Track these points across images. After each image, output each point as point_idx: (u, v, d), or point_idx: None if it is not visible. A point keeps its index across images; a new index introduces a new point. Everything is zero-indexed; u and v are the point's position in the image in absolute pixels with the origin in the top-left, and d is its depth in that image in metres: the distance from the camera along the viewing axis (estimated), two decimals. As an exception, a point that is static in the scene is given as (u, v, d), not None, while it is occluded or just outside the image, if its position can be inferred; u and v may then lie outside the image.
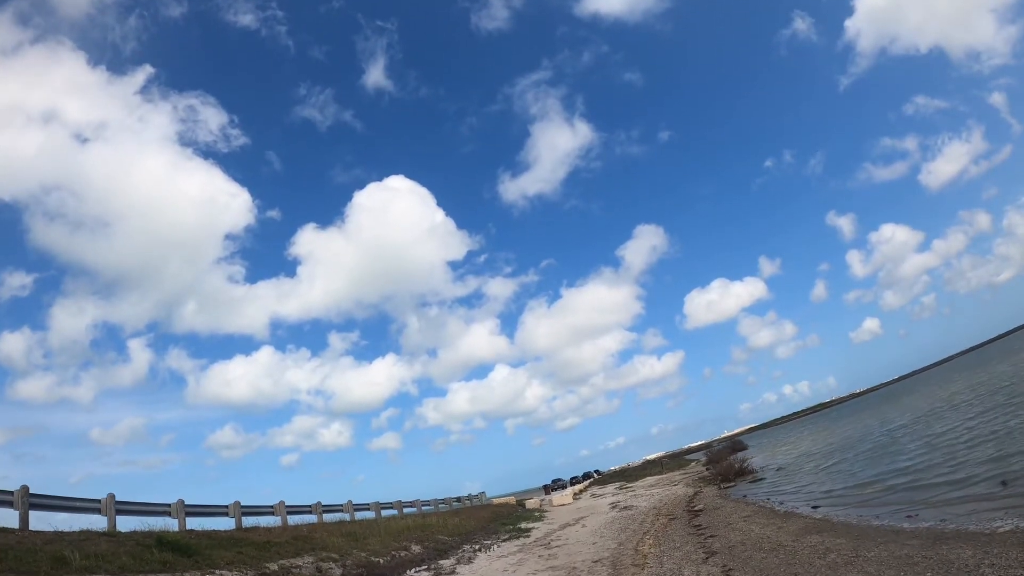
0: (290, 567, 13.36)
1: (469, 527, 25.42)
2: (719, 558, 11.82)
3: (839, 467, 24.96)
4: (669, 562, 12.42)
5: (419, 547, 19.05)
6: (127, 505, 15.48)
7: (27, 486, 12.96)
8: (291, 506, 21.46)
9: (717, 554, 12.22)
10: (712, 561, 11.67)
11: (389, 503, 30.73)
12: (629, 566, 12.68)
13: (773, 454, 44.57)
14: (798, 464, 32.66)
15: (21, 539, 11.24)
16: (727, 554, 12.08)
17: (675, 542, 14.97)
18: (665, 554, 13.44)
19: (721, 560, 11.63)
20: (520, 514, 34.20)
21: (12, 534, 12.01)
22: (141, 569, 10.94)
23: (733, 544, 13.03)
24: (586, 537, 19.18)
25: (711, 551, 12.67)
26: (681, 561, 12.27)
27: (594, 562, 13.89)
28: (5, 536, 11.26)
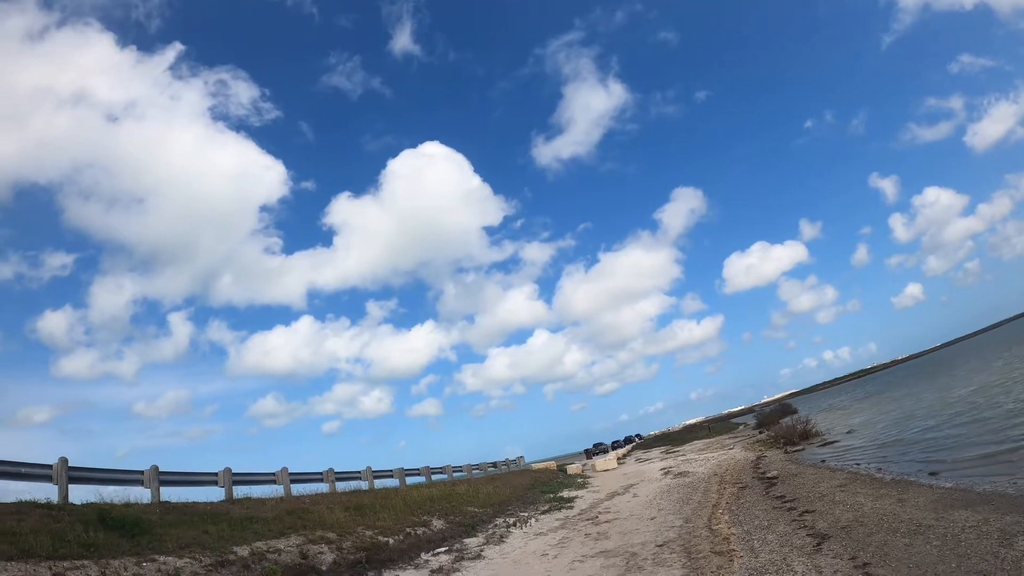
0: (265, 552, 10.82)
1: (504, 496, 22.86)
2: (837, 544, 9.07)
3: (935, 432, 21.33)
4: (764, 549, 9.72)
5: (442, 522, 16.47)
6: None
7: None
8: (296, 474, 19.01)
9: (831, 538, 9.46)
10: (829, 549, 8.90)
11: (416, 469, 28.35)
12: (709, 554, 9.92)
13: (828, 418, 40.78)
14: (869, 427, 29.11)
15: None
16: (845, 538, 9.31)
17: (759, 519, 12.31)
18: (753, 536, 10.74)
19: (842, 547, 8.87)
20: (561, 480, 31.76)
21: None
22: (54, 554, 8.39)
23: (846, 523, 10.23)
24: (640, 510, 16.36)
25: (819, 533, 9.92)
26: (780, 547, 9.59)
27: (658, 546, 11.18)
28: None
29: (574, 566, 10.82)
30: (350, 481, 22.67)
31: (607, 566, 10.41)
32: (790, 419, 37.63)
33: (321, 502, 16.63)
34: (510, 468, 40.61)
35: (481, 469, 36.03)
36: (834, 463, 19.45)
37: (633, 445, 75.86)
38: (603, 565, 10.53)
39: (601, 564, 10.62)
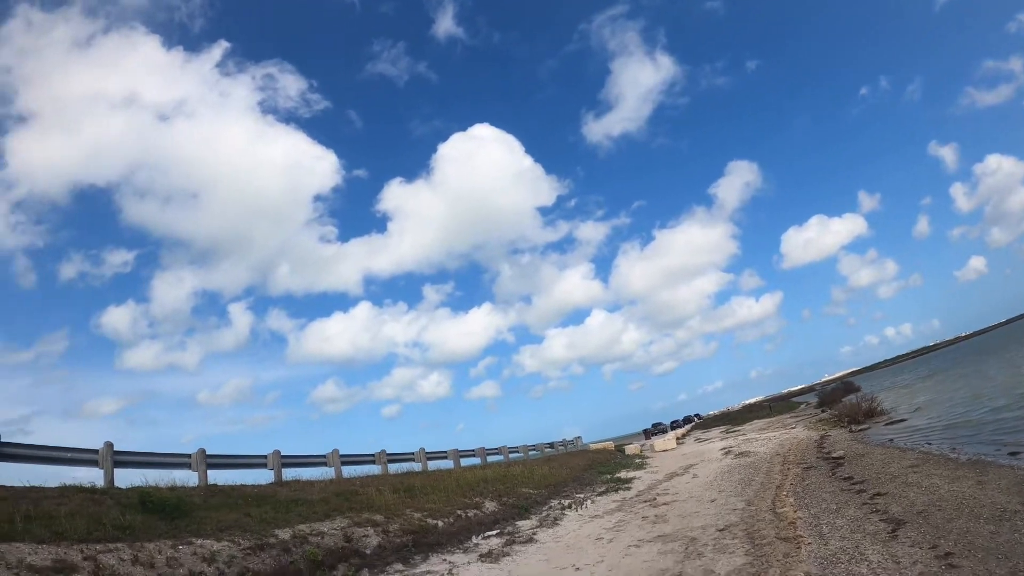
0: (307, 535, 10.43)
1: (560, 477, 22.24)
2: (914, 531, 8.19)
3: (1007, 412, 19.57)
4: (834, 535, 8.84)
5: (495, 503, 15.94)
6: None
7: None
8: (346, 455, 18.78)
9: (906, 524, 8.55)
10: (905, 536, 8.01)
11: (471, 450, 27.99)
12: (774, 540, 9.05)
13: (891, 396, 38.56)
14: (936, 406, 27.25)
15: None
16: (923, 524, 8.40)
17: (826, 501, 11.40)
18: (821, 521, 9.86)
19: (919, 534, 7.99)
20: (619, 461, 30.95)
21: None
22: (88, 537, 8.15)
23: (922, 508, 9.32)
24: (700, 491, 15.48)
25: (893, 518, 9.00)
26: (851, 533, 8.69)
27: (719, 531, 10.34)
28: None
29: (630, 551, 10.08)
30: (403, 463, 22.44)
31: (664, 552, 9.64)
32: (853, 397, 35.93)
33: (371, 484, 16.30)
34: (567, 449, 39.98)
35: (538, 450, 35.49)
36: (902, 443, 18.37)
37: (692, 425, 74.88)
38: (660, 551, 9.76)
39: (658, 550, 9.86)
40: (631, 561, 9.42)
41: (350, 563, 10.08)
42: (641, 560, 9.38)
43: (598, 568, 9.30)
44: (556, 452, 37.22)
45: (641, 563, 9.22)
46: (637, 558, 9.56)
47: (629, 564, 9.27)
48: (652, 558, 9.39)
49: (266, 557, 9.36)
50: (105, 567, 7.76)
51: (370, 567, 10.19)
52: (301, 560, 9.61)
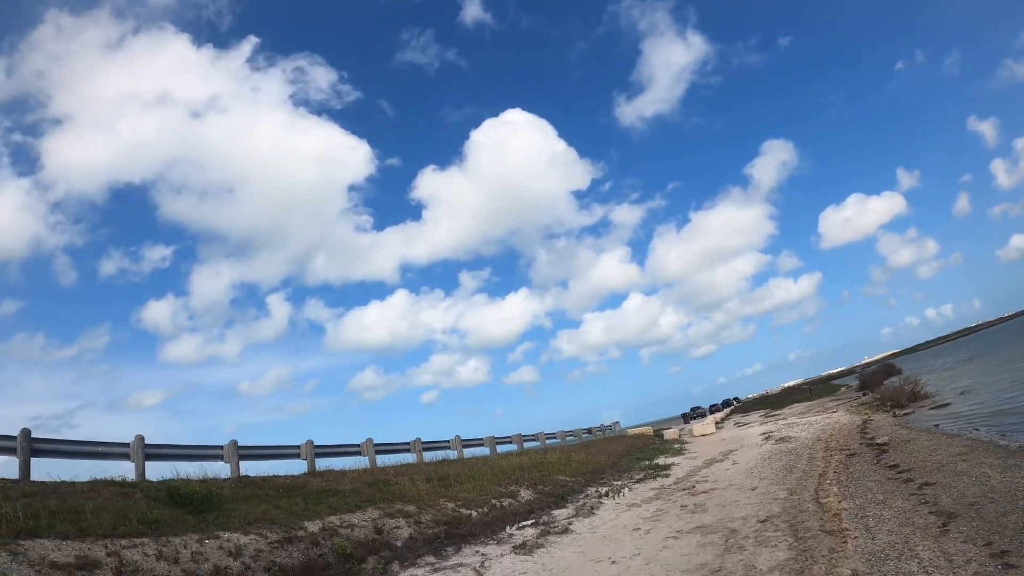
0: (337, 527, 10.19)
1: (597, 463, 21.79)
2: (966, 525, 7.57)
3: None
4: (881, 528, 8.27)
5: (530, 492, 15.57)
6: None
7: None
8: (380, 444, 18.60)
9: (958, 517, 7.93)
10: (958, 531, 7.40)
11: (507, 437, 27.65)
12: (818, 533, 8.55)
13: (933, 379, 36.99)
14: (982, 390, 25.97)
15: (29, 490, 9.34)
16: (975, 518, 7.76)
17: (872, 491, 10.75)
18: (867, 512, 9.27)
19: (972, 529, 7.39)
20: (657, 446, 30.36)
21: None
22: (112, 532, 8.01)
23: (973, 499, 8.66)
24: (740, 479, 14.89)
25: (943, 511, 8.37)
26: (900, 527, 8.12)
27: (760, 522, 9.82)
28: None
29: (667, 543, 9.59)
30: (438, 451, 22.21)
31: (703, 544, 9.13)
32: (895, 380, 34.65)
33: (405, 473, 16.09)
34: (605, 434, 39.47)
35: (575, 435, 35.05)
36: (949, 428, 17.39)
37: (731, 409, 73.80)
38: (699, 543, 9.25)
39: (697, 542, 9.35)
40: (669, 554, 8.94)
41: (380, 556, 9.81)
42: (679, 553, 8.89)
43: (634, 561, 8.84)
44: (594, 437, 36.74)
45: (679, 556, 8.73)
46: (675, 551, 9.08)
47: (667, 557, 8.79)
48: (691, 551, 8.90)
49: (294, 551, 9.13)
50: (128, 562, 7.59)
51: (400, 560, 9.90)
52: (330, 553, 9.37)
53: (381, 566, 9.44)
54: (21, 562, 7.06)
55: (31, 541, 7.53)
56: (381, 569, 9.37)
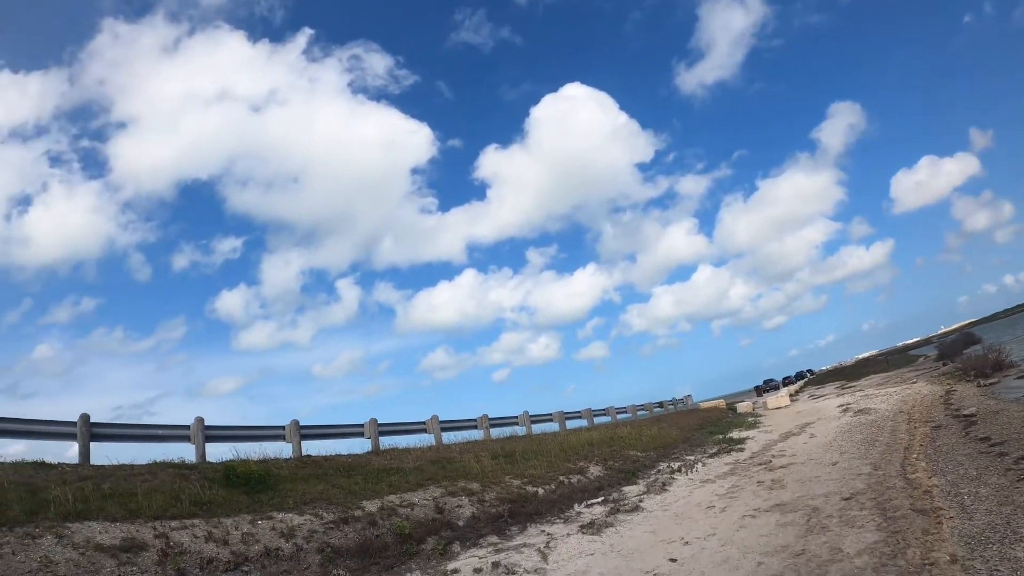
0: (397, 506, 9.69)
1: (669, 438, 20.74)
2: None
3: None
4: (978, 507, 7.27)
5: (600, 468, 14.77)
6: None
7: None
8: (446, 421, 18.15)
9: None
10: None
11: (576, 412, 26.87)
12: (908, 512, 7.63)
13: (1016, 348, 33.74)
14: None
15: (86, 474, 9.22)
16: None
17: (963, 467, 9.60)
18: (960, 490, 8.22)
19: None
20: (731, 420, 29.01)
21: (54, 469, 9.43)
22: (163, 514, 7.70)
23: None
24: (819, 453, 13.69)
25: None
26: (999, 506, 7.13)
27: (844, 500, 8.83)
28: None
29: (744, 523, 8.64)
30: (506, 427, 21.63)
31: (783, 524, 8.14)
32: (977, 349, 31.91)
33: (470, 450, 15.56)
34: (677, 408, 38.17)
35: (646, 410, 33.94)
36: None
37: (805, 381, 70.90)
38: (779, 523, 8.26)
39: (776, 521, 8.36)
40: (746, 535, 7.99)
41: (440, 536, 9.24)
42: (757, 534, 7.93)
43: (709, 542, 7.94)
44: (666, 412, 35.55)
45: (757, 537, 7.78)
46: (753, 531, 8.12)
47: (744, 538, 7.84)
48: (770, 531, 7.93)
49: (349, 531, 8.67)
50: (175, 544, 7.27)
51: (462, 540, 9.32)
52: (388, 534, 8.86)
53: (441, 546, 8.87)
54: (66, 545, 6.82)
55: (79, 524, 7.30)
56: (441, 549, 8.80)
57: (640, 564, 7.47)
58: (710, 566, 7.01)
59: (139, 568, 6.77)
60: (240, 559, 7.38)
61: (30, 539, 6.79)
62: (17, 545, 6.66)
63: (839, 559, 6.43)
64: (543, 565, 7.99)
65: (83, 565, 6.59)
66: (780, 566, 6.60)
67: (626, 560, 7.76)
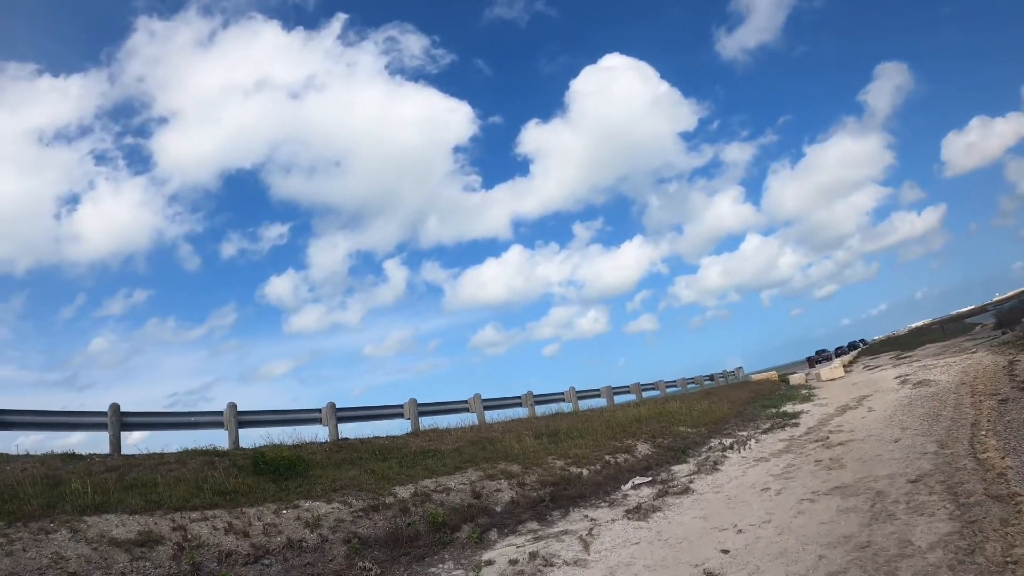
0: (431, 491, 9.13)
1: (720, 413, 19.72)
2: None
3: None
4: None
5: (648, 446, 13.96)
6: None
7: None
8: (489, 400, 17.60)
9: None
10: None
11: (624, 387, 25.98)
12: (983, 498, 6.69)
13: None
14: None
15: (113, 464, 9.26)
16: None
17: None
18: None
19: None
20: (784, 393, 27.59)
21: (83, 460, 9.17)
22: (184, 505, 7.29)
23: None
24: (880, 428, 12.57)
25: None
26: None
27: (911, 482, 7.91)
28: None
29: (802, 508, 7.73)
30: (552, 404, 20.96)
31: (845, 510, 7.21)
32: None
33: (513, 429, 14.96)
34: (728, 381, 36.81)
35: (696, 383, 32.77)
36: None
37: (858, 351, 67.64)
38: (840, 508, 7.34)
39: (837, 507, 7.43)
40: (804, 522, 7.10)
41: (476, 523, 8.65)
42: (817, 521, 7.03)
43: (764, 531, 7.09)
44: (716, 384, 34.29)
45: (817, 525, 6.89)
46: (812, 518, 7.23)
47: (802, 526, 6.96)
48: (831, 518, 7.02)
49: (379, 519, 8.15)
50: (193, 537, 6.86)
51: (499, 527, 8.70)
52: (420, 521, 8.30)
53: (476, 534, 8.27)
54: (80, 540, 6.47)
55: (97, 517, 6.96)
56: (476, 538, 8.20)
57: (689, 556, 6.69)
58: (766, 559, 6.18)
59: (152, 563, 6.36)
60: (261, 552, 6.93)
61: (44, 534, 6.46)
62: (30, 541, 6.33)
63: (909, 554, 5.54)
64: (584, 556, 7.30)
65: (95, 561, 6.22)
66: (844, 561, 5.73)
67: (674, 551, 6.99)
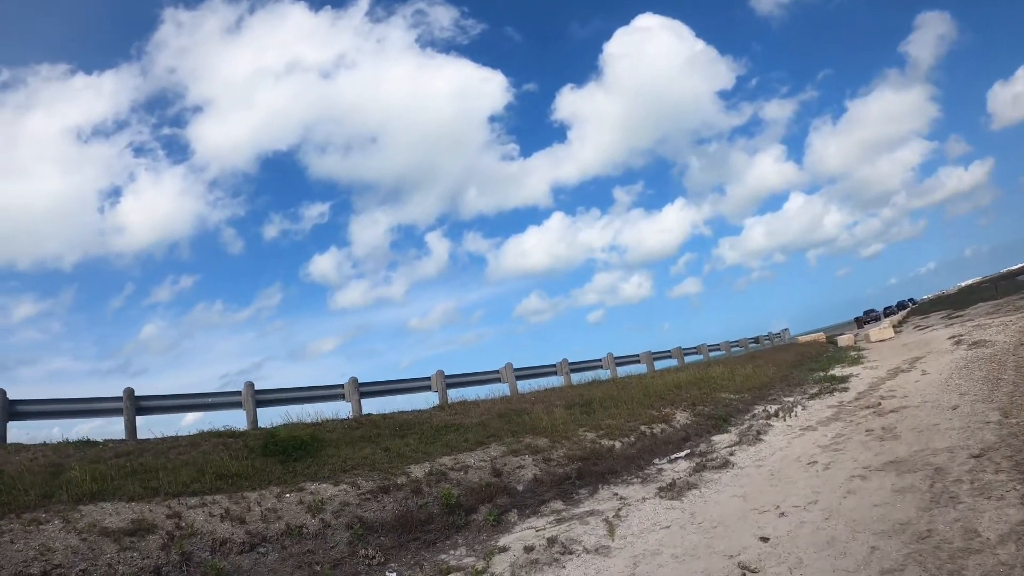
0: (448, 469, 8.54)
1: (765, 377, 18.63)
2: None
3: None
4: None
5: (687, 414, 13.13)
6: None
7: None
8: (521, 369, 16.95)
9: None
10: None
11: (665, 352, 24.93)
12: None
13: None
14: None
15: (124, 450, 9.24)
16: None
17: None
18: None
19: None
20: (832, 355, 26.15)
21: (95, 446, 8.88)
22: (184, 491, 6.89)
23: None
24: (935, 394, 11.42)
25: None
26: None
27: (973, 457, 6.98)
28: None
29: (852, 486, 6.81)
30: (589, 371, 20.18)
31: (901, 490, 6.27)
32: None
33: (544, 400, 14.29)
34: (774, 343, 35.32)
35: (741, 346, 31.48)
36: None
37: (907, 311, 64.56)
38: (895, 487, 6.39)
39: (892, 485, 6.49)
40: (855, 504, 6.19)
41: (495, 504, 8.03)
42: (869, 503, 6.11)
43: (810, 513, 6.23)
44: (761, 347, 32.91)
45: (869, 508, 5.97)
46: (863, 499, 6.31)
47: (853, 509, 6.06)
48: (884, 500, 6.10)
49: (389, 501, 7.59)
50: (187, 525, 6.40)
51: (520, 507, 8.06)
52: (433, 503, 7.72)
53: (494, 516, 7.66)
54: (70, 530, 6.05)
55: (92, 506, 6.58)
56: (493, 520, 7.59)
57: (723, 544, 5.90)
58: (810, 550, 5.34)
59: (141, 554, 5.93)
60: (257, 539, 6.45)
61: (35, 525, 6.10)
62: (20, 532, 5.98)
63: (977, 548, 4.62)
64: (608, 542, 6.59)
65: (81, 552, 5.82)
66: (900, 555, 4.85)
67: (707, 537, 6.21)
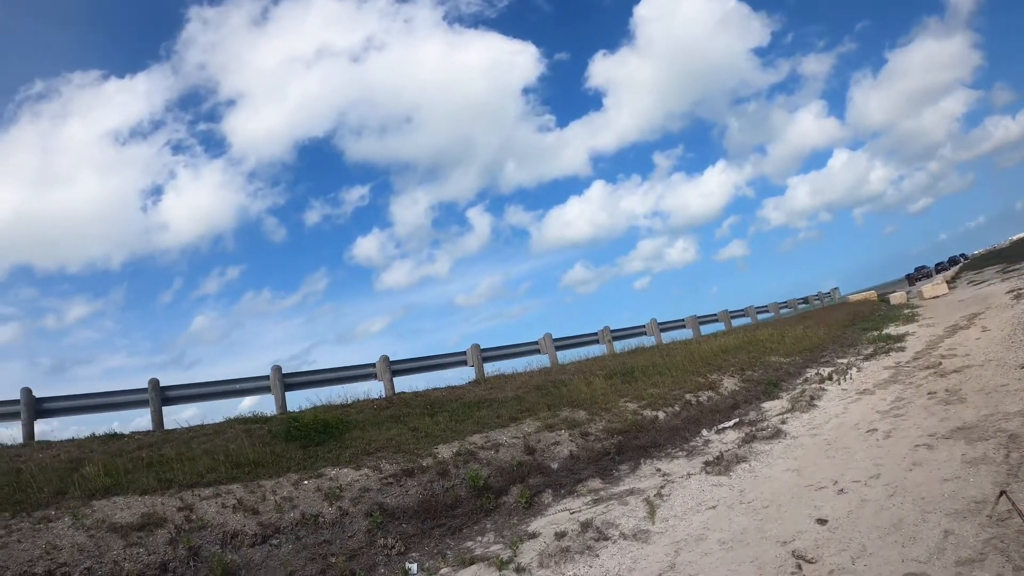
0: (478, 448, 7.97)
1: (816, 339, 17.50)
2: None
3: None
4: None
5: (735, 380, 12.30)
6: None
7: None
8: (561, 339, 16.27)
9: None
10: None
11: (712, 316, 23.93)
12: None
13: None
14: None
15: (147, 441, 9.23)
16: None
17: None
18: None
19: None
20: (884, 313, 24.65)
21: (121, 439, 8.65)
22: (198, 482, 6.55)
23: None
24: (999, 352, 10.36)
25: None
26: None
27: None
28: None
29: (917, 457, 5.95)
30: (632, 339, 19.39)
31: (972, 461, 5.39)
32: None
33: (584, 370, 13.61)
34: (824, 303, 33.69)
35: (790, 307, 30.08)
36: None
37: (959, 266, 61.32)
38: (965, 458, 5.51)
39: (962, 456, 5.60)
40: (923, 479, 5.35)
41: (528, 484, 7.44)
42: (939, 477, 5.26)
43: (872, 490, 5.41)
44: (811, 308, 31.40)
45: (939, 483, 5.13)
46: (930, 472, 5.45)
47: (920, 485, 5.22)
48: (955, 473, 5.24)
49: (413, 485, 7.07)
50: (197, 518, 6.00)
51: (555, 487, 7.46)
52: (461, 485, 7.17)
53: (526, 498, 7.08)
54: (79, 527, 5.72)
55: (105, 500, 6.28)
56: (525, 502, 7.01)
57: (776, 528, 5.16)
58: (874, 534, 4.56)
59: (147, 549, 5.57)
60: (270, 531, 6.02)
61: (45, 523, 5.82)
62: (28, 531, 5.71)
63: None
64: (647, 525, 5.92)
65: (88, 549, 5.49)
66: (978, 540, 4.04)
67: (757, 519, 5.47)
